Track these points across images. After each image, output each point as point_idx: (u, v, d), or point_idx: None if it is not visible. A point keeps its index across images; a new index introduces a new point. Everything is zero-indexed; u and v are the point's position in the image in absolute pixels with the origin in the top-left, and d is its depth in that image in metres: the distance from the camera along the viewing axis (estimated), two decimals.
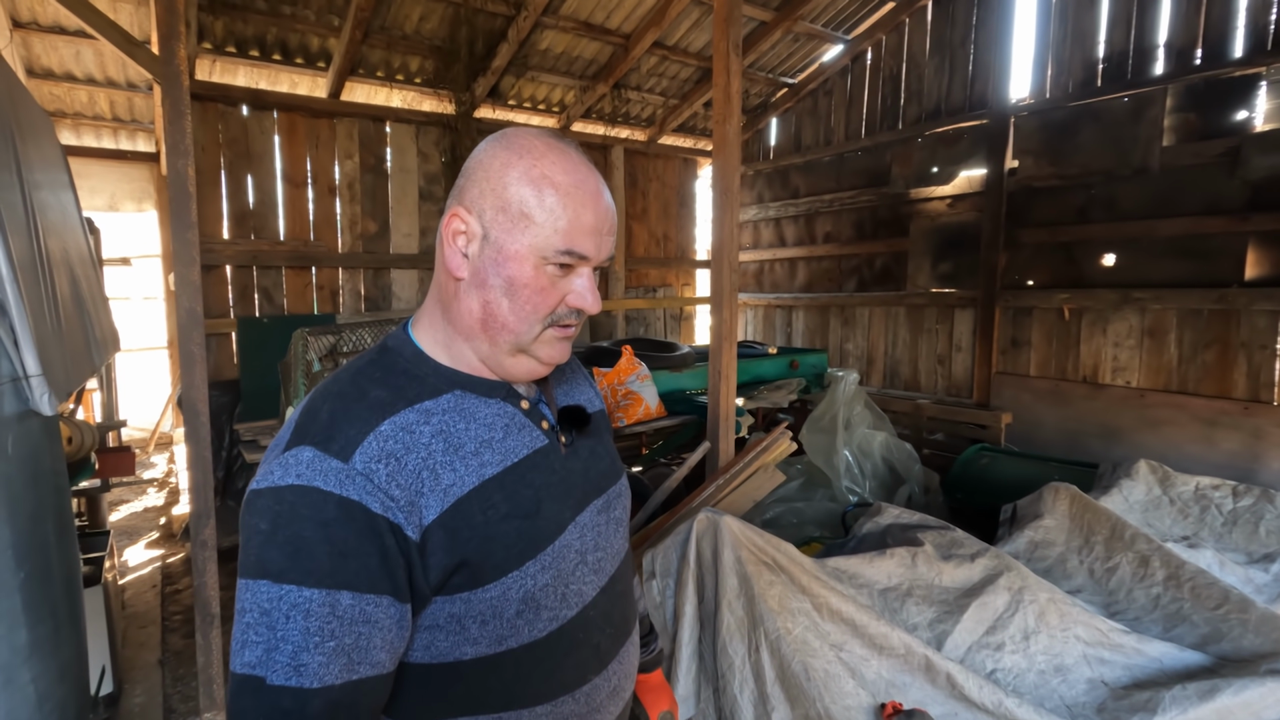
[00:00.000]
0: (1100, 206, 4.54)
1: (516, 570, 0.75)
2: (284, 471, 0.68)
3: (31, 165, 1.87)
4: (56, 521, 1.54)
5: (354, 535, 0.67)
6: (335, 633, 0.65)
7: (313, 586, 0.65)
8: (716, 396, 3.35)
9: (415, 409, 0.75)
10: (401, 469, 0.70)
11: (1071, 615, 2.00)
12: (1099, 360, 4.62)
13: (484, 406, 0.79)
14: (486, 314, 0.77)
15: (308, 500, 0.67)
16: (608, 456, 0.95)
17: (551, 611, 0.79)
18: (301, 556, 0.65)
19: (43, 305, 1.56)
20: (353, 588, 0.66)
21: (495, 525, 0.74)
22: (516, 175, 0.74)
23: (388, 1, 4.41)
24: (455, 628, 0.74)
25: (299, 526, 0.66)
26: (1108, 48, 4.49)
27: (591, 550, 0.85)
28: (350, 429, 0.71)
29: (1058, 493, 2.73)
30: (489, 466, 0.76)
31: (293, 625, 0.64)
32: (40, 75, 5.29)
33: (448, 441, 0.74)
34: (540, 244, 0.74)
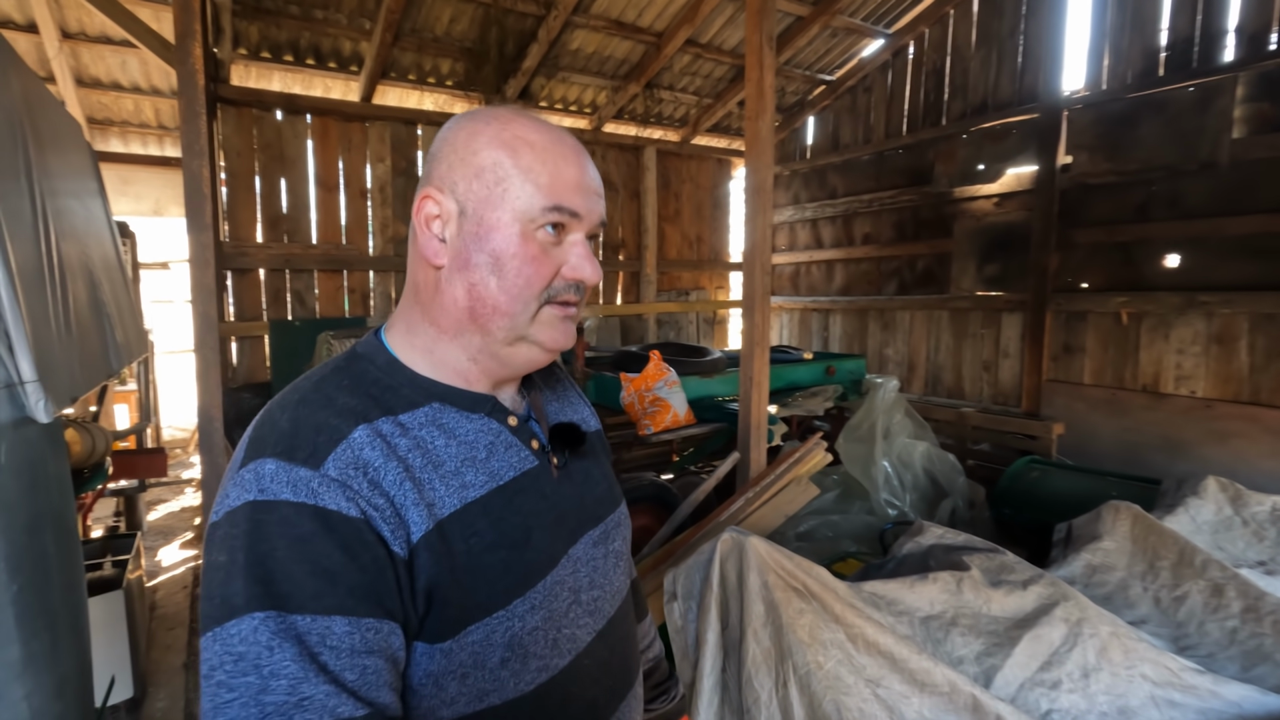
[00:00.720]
0: (1162, 204, 4.26)
1: (503, 610, 0.64)
2: (241, 490, 0.58)
3: (50, 172, 1.85)
4: (56, 530, 1.49)
5: (338, 550, 0.56)
6: (330, 666, 0.53)
7: (295, 613, 0.53)
8: (748, 404, 3.21)
9: (390, 419, 0.65)
10: (382, 478, 0.60)
11: (1137, 651, 1.81)
12: (1160, 368, 4.33)
13: (466, 422, 0.70)
14: (474, 299, 0.67)
15: (275, 516, 0.56)
16: (605, 481, 0.84)
17: (541, 660, 0.68)
18: (277, 580, 0.54)
19: (48, 311, 1.53)
20: (346, 612, 0.55)
21: (479, 556, 0.64)
22: (486, 140, 0.67)
23: (418, 4, 4.39)
24: (432, 689, 0.62)
25: (268, 546, 0.55)
26: (1171, 34, 4.21)
27: (586, 588, 0.75)
28: (318, 436, 0.61)
29: (1118, 512, 2.52)
30: (472, 488, 0.66)
31: (282, 655, 0.52)
32: (89, 84, 5.43)
33: (426, 457, 0.65)
34: (524, 206, 0.66)
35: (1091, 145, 4.54)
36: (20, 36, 4.84)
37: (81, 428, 1.87)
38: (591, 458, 0.84)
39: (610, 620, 0.78)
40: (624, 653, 0.81)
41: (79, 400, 4.54)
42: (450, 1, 4.46)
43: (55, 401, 1.40)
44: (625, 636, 0.82)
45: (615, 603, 0.80)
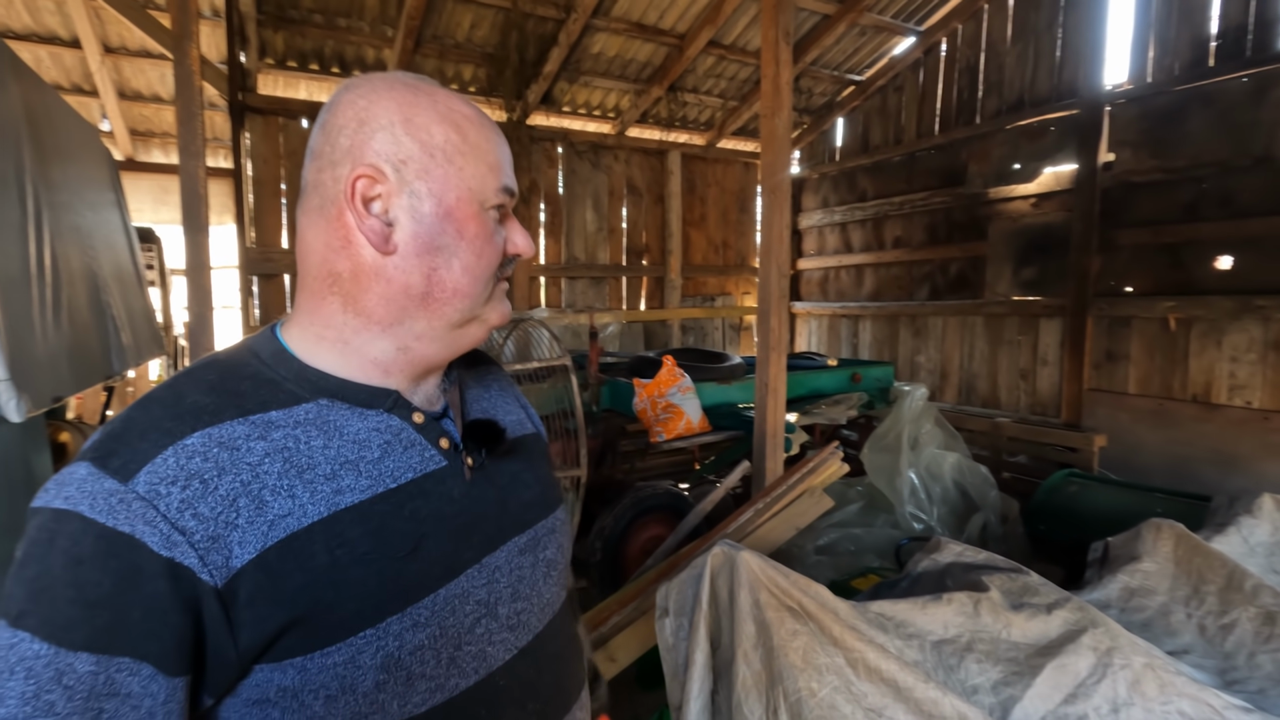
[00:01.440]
0: (1213, 202, 4.00)
1: (372, 629, 0.58)
2: (55, 491, 0.53)
3: (52, 182, 1.87)
4: None
5: (109, 579, 0.51)
6: (57, 708, 0.48)
7: (44, 640, 0.49)
8: (763, 411, 3.11)
9: (249, 420, 0.59)
10: (206, 493, 0.54)
11: (1175, 685, 1.65)
12: (1212, 377, 4.06)
13: (357, 420, 0.64)
14: (433, 283, 0.64)
15: (66, 530, 0.51)
16: (538, 485, 0.77)
17: (432, 682, 0.61)
18: (43, 600, 0.50)
19: (32, 313, 1.52)
20: (96, 649, 0.50)
21: (346, 569, 0.58)
22: (431, 116, 0.62)
23: (438, 10, 4.42)
24: (293, 705, 0.56)
25: (50, 561, 0.51)
26: (1222, 23, 3.97)
27: (506, 600, 0.69)
28: (142, 442, 0.55)
29: (1159, 531, 2.34)
30: (348, 494, 0.60)
31: (12, 685, 0.48)
32: (130, 97, 5.62)
33: (289, 462, 0.59)
34: (477, 185, 0.64)
35: (1136, 141, 4.31)
36: (65, 52, 5.03)
37: (75, 428, 1.88)
38: (523, 460, 0.78)
39: (538, 636, 0.72)
40: (557, 671, 0.74)
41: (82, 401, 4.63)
42: (470, 7, 4.48)
43: (32, 401, 1.40)
44: (558, 654, 0.76)
45: (545, 616, 0.74)
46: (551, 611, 0.75)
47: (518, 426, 0.80)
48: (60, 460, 1.84)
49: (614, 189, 6.00)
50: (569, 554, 0.82)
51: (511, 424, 0.79)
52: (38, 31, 4.89)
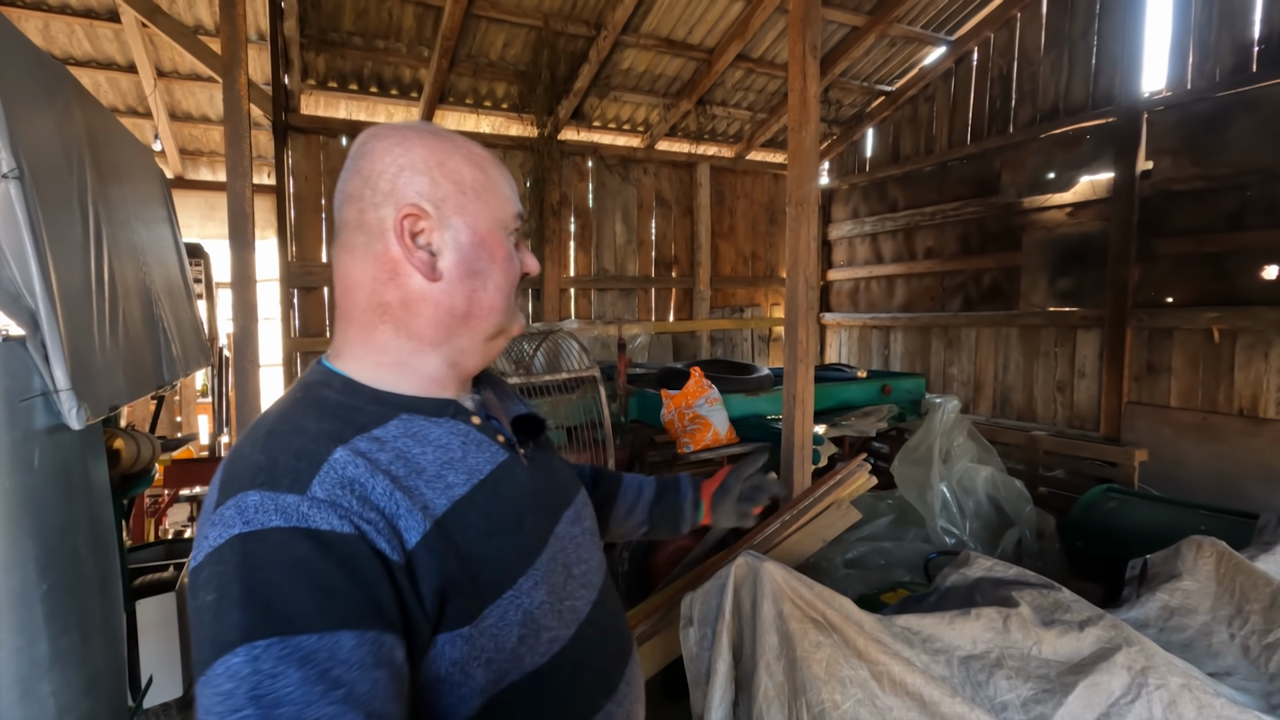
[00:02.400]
0: (1258, 210, 3.89)
1: (511, 589, 0.69)
2: (223, 528, 0.57)
3: (110, 201, 1.98)
4: (92, 533, 1.57)
5: (335, 567, 0.56)
6: (343, 680, 0.53)
7: (298, 634, 0.53)
8: (791, 423, 3.11)
9: (366, 436, 0.67)
10: (370, 493, 0.62)
11: (1213, 707, 1.60)
12: (1259, 390, 3.93)
13: (435, 427, 0.73)
14: (473, 304, 0.74)
15: (267, 543, 0.56)
16: (564, 467, 0.91)
17: (551, 632, 0.73)
18: (278, 604, 0.54)
19: (92, 326, 1.62)
20: (352, 626, 0.55)
21: (476, 545, 0.68)
22: (460, 159, 0.74)
23: (472, 30, 4.54)
24: (460, 678, 0.65)
25: (264, 574, 0.55)
26: (1265, 28, 3.87)
27: (576, 563, 0.81)
28: (298, 463, 0.62)
29: (1200, 548, 2.27)
30: (456, 487, 0.69)
31: (285, 682, 0.51)
32: (181, 118, 5.87)
33: (409, 466, 0.67)
34: (500, 216, 0.76)
35: (1176, 149, 4.21)
36: (122, 76, 5.29)
37: (129, 435, 1.98)
38: (547, 447, 0.90)
39: (600, 590, 0.84)
40: (620, 622, 0.87)
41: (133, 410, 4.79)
42: (503, 27, 4.59)
43: (91, 409, 1.48)
44: (617, 607, 0.88)
45: (600, 575, 0.85)
46: (603, 571, 0.87)
47: None
48: (113, 466, 1.94)
49: (643, 201, 6.06)
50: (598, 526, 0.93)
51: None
52: (97, 58, 5.16)
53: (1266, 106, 3.81)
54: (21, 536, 1.33)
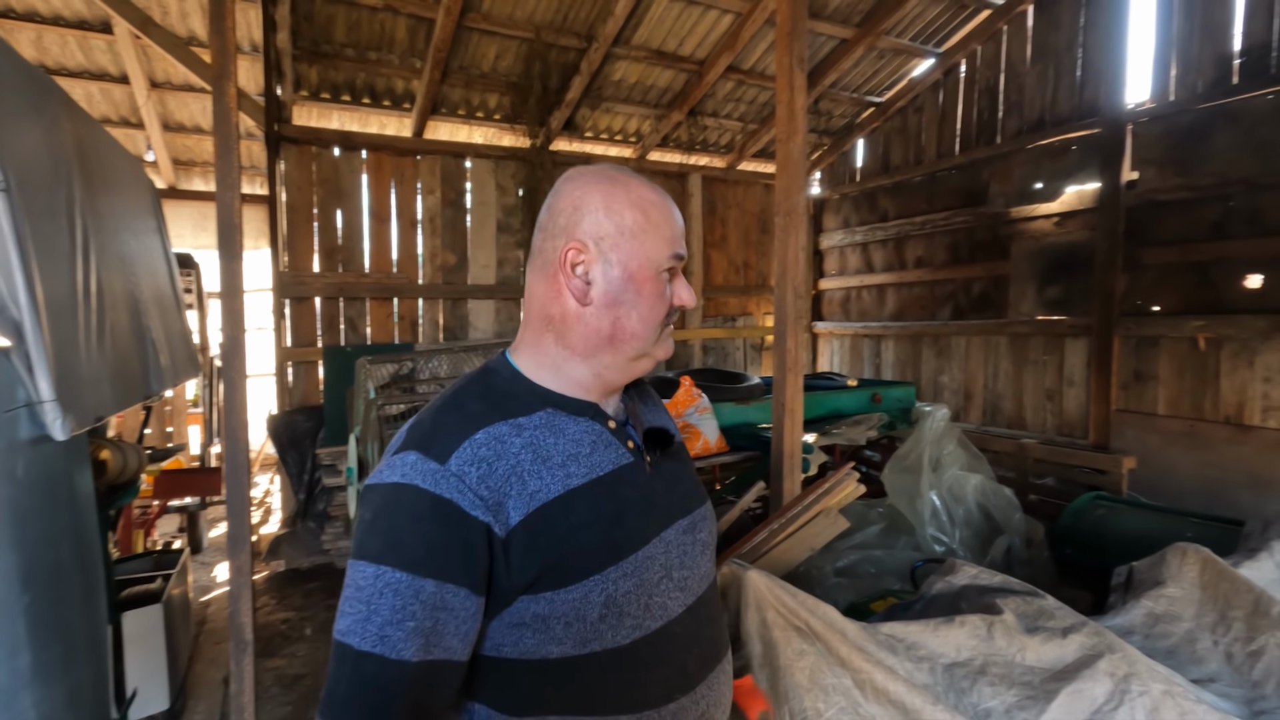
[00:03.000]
0: (1241, 220, 3.94)
1: (599, 574, 0.80)
2: (390, 471, 0.78)
3: (98, 212, 1.99)
4: (76, 544, 1.56)
5: (442, 530, 0.75)
6: (416, 614, 0.72)
7: (403, 570, 0.73)
8: (780, 432, 3.11)
9: (508, 422, 0.82)
10: (491, 473, 0.78)
11: (1195, 714, 1.62)
12: (1245, 398, 3.96)
13: (573, 424, 0.86)
14: (616, 329, 0.86)
15: (406, 496, 0.76)
16: (690, 481, 0.98)
17: (634, 620, 0.82)
18: (396, 545, 0.74)
19: (78, 336, 1.62)
20: (436, 576, 0.74)
21: (578, 531, 0.79)
22: (625, 203, 0.86)
23: (464, 42, 4.57)
24: (541, 626, 0.78)
25: (397, 518, 0.75)
26: (1246, 40, 3.93)
27: (677, 568, 0.88)
28: (449, 436, 0.79)
29: (1184, 555, 2.29)
30: (574, 477, 0.82)
31: (384, 602, 0.72)
32: (174, 129, 5.88)
33: (536, 453, 0.81)
34: (654, 255, 0.86)
35: (1160, 160, 4.27)
36: (115, 87, 5.30)
37: (115, 446, 1.98)
38: (680, 461, 0.99)
39: (699, 598, 0.91)
40: (713, 630, 0.94)
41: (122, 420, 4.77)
42: (495, 39, 4.62)
43: (76, 420, 1.48)
44: (714, 617, 0.95)
45: (703, 584, 0.93)
46: (707, 582, 0.94)
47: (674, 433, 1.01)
48: (99, 477, 1.93)
49: None
50: (716, 540, 1.01)
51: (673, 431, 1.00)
52: (90, 69, 5.17)
53: (1247, 118, 3.87)
54: (4, 548, 1.33)
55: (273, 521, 5.29)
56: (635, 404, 0.97)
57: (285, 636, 3.53)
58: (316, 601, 3.96)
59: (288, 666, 3.22)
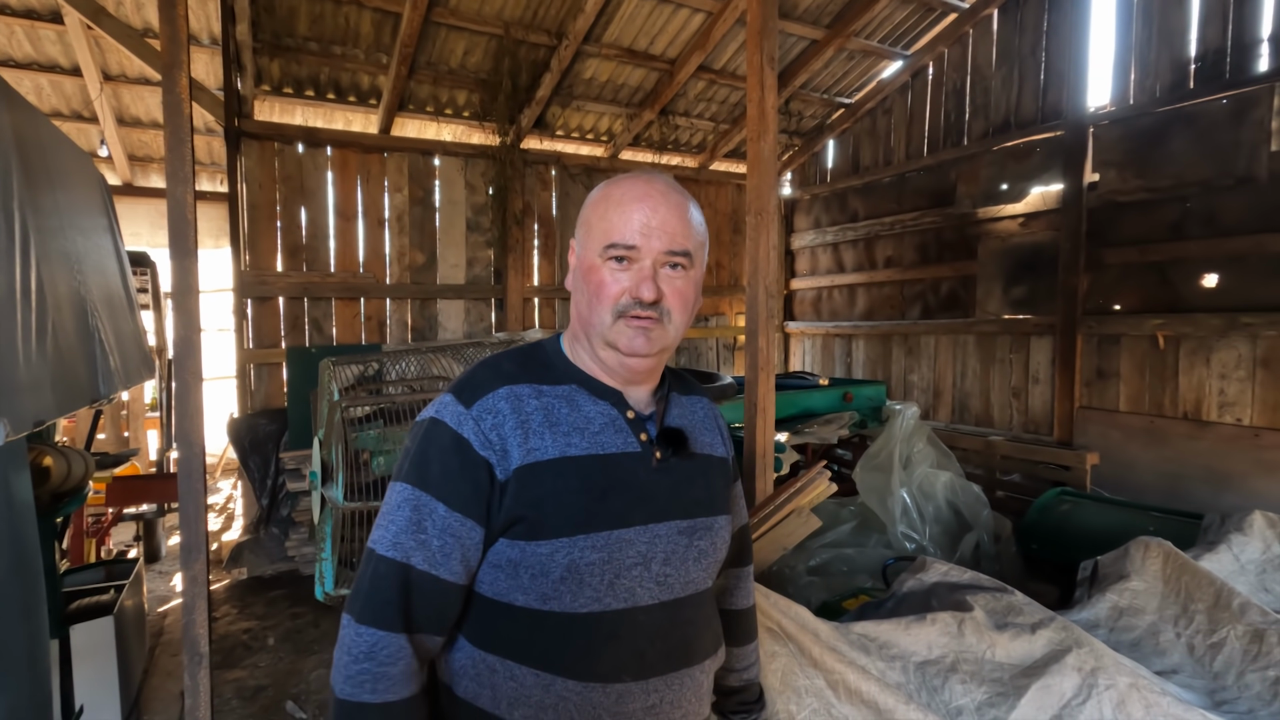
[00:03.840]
0: (1198, 221, 4.05)
1: (567, 538, 0.85)
2: (434, 409, 0.91)
3: (41, 208, 1.89)
4: (14, 555, 1.48)
5: (459, 463, 0.86)
6: (427, 529, 0.84)
7: (423, 490, 0.86)
8: (753, 431, 3.11)
9: (532, 386, 0.93)
10: (503, 423, 0.88)
11: (1160, 706, 1.63)
12: (1202, 394, 4.07)
13: (591, 404, 0.94)
14: (578, 312, 0.95)
15: (438, 430, 0.88)
16: (707, 491, 1.00)
17: (595, 592, 0.86)
18: (421, 468, 0.87)
19: (15, 337, 1.53)
20: (448, 503, 0.85)
21: (561, 494, 0.86)
22: (591, 201, 0.96)
23: (432, 37, 4.49)
24: (512, 571, 0.86)
25: (427, 446, 0.88)
26: (1201, 46, 4.04)
27: (660, 562, 0.91)
28: (480, 387, 0.91)
29: (1147, 549, 2.33)
30: (574, 447, 0.89)
31: (402, 514, 0.86)
32: (129, 124, 5.69)
33: (548, 416, 0.90)
34: (596, 244, 0.91)
35: (1120, 162, 4.36)
36: (66, 79, 5.11)
37: (57, 451, 1.88)
38: (701, 470, 1.00)
39: (679, 600, 0.94)
40: (688, 636, 0.96)
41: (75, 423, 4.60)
42: (463, 34, 4.55)
43: (12, 425, 1.40)
44: (692, 621, 0.96)
45: (687, 589, 0.95)
46: (694, 588, 0.96)
47: (708, 447, 1.04)
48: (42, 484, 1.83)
49: None
50: (722, 554, 1.02)
51: (703, 444, 1.03)
52: (39, 60, 4.97)
53: (1203, 121, 3.98)
54: None
55: (235, 528, 5.14)
56: (663, 406, 1.01)
57: (246, 647, 3.42)
58: (280, 610, 3.85)
59: (249, 678, 3.12)
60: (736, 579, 1.21)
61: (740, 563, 1.21)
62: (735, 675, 1.19)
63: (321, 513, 2.90)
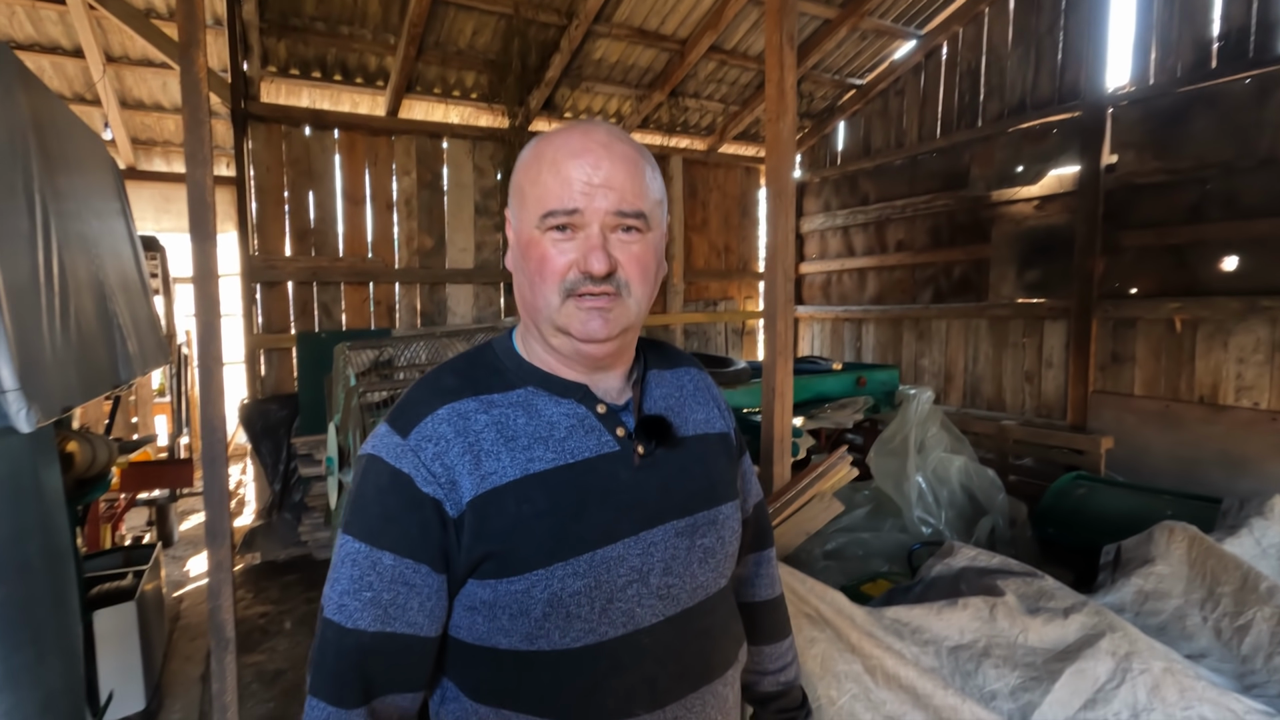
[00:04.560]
0: (1217, 203, 4.00)
1: (543, 569, 0.73)
2: (369, 442, 0.78)
3: (59, 192, 1.86)
4: (45, 542, 1.47)
5: (398, 503, 0.73)
6: (374, 585, 0.72)
7: (363, 541, 0.73)
8: (771, 416, 3.09)
9: (479, 399, 0.78)
10: (445, 450, 0.74)
11: (1195, 690, 1.63)
12: (1219, 378, 4.05)
13: (553, 405, 0.79)
14: (521, 297, 0.80)
15: (374, 467, 0.75)
16: (706, 479, 0.87)
17: (586, 624, 0.75)
18: (359, 514, 0.74)
19: (41, 323, 1.51)
20: (396, 550, 0.72)
21: (527, 520, 0.73)
22: (523, 163, 0.78)
23: (441, 17, 4.42)
24: (489, 614, 0.75)
25: (365, 488, 0.75)
26: (1224, 25, 3.97)
27: (659, 573, 0.79)
28: (416, 410, 0.77)
29: (1172, 533, 2.33)
30: (537, 462, 0.75)
31: (344, 571, 0.73)
32: (132, 106, 5.62)
33: (501, 432, 0.76)
34: (532, 212, 0.75)
35: (1139, 143, 4.31)
36: (68, 61, 5.03)
37: (82, 438, 1.87)
38: (696, 455, 0.87)
39: (687, 610, 0.82)
40: (701, 647, 0.84)
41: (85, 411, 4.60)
42: (472, 14, 4.48)
43: (42, 411, 1.38)
44: (707, 631, 0.85)
45: (696, 596, 0.83)
46: (705, 593, 0.84)
47: (702, 425, 0.90)
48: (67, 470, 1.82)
49: None
50: (733, 548, 0.89)
51: (695, 422, 0.89)
52: (40, 41, 4.90)
53: (1225, 102, 3.92)
54: None
55: (246, 513, 5.15)
56: (639, 389, 0.86)
57: (264, 631, 3.43)
58: (295, 594, 3.86)
59: (268, 662, 3.13)
60: (757, 565, 1.06)
61: (759, 546, 1.06)
62: (770, 679, 1.04)
63: (338, 498, 2.90)
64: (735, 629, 0.91)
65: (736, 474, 0.94)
